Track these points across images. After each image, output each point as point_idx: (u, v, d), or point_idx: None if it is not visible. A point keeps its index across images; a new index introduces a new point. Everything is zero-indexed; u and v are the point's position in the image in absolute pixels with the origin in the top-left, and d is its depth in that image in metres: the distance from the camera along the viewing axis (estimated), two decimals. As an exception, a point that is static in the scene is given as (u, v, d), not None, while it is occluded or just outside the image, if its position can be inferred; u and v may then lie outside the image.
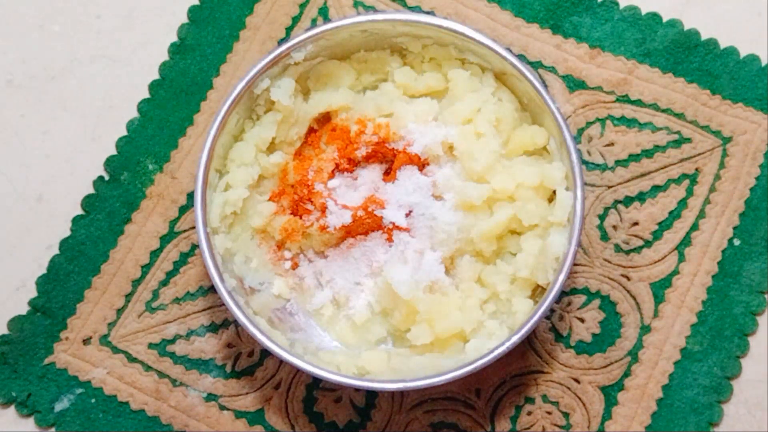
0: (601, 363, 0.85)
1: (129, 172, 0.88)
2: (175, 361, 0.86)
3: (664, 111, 0.88)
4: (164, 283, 0.87)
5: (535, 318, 0.78)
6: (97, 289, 0.87)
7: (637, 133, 0.87)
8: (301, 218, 0.84)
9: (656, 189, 0.87)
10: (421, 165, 0.85)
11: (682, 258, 0.86)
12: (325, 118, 0.86)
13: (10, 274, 0.87)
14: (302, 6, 0.90)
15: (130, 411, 0.86)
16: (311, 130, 0.86)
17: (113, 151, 0.88)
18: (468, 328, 0.81)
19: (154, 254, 0.87)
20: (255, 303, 0.82)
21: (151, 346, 0.86)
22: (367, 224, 0.84)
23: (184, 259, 0.87)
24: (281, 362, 0.85)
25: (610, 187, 0.87)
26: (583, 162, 0.87)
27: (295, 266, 0.85)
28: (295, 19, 0.90)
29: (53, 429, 0.86)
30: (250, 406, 0.85)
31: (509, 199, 0.82)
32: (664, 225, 0.87)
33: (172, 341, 0.86)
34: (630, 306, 0.86)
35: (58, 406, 0.86)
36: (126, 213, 0.88)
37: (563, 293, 0.86)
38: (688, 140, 0.87)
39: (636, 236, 0.86)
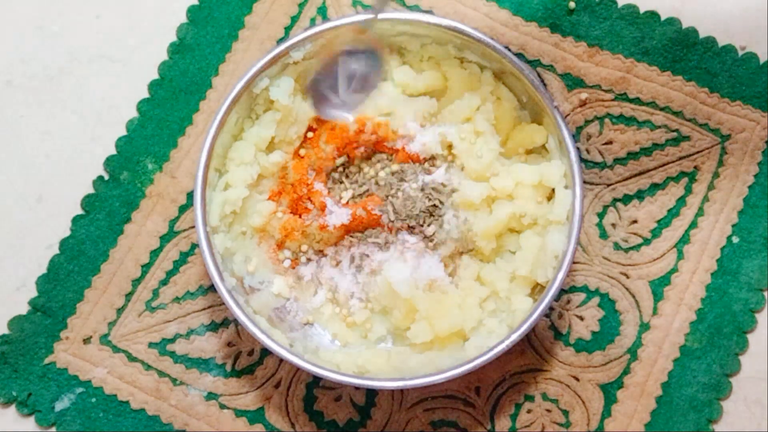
0: (601, 361, 0.85)
1: (129, 171, 0.88)
2: (176, 360, 0.86)
3: (662, 109, 0.88)
4: (164, 282, 0.87)
5: (535, 316, 0.78)
6: (98, 288, 0.87)
7: (635, 132, 0.88)
8: (300, 217, 0.84)
9: (655, 187, 0.87)
10: (420, 163, 0.85)
11: (681, 256, 0.86)
12: (324, 117, 0.86)
13: (10, 274, 0.88)
14: (301, 5, 0.90)
15: (131, 410, 0.86)
16: (310, 129, 0.86)
17: (113, 151, 0.89)
18: (467, 327, 0.81)
19: (154, 253, 0.87)
20: (255, 302, 0.83)
21: (151, 345, 0.86)
22: (366, 223, 0.84)
23: (184, 258, 0.87)
24: (281, 361, 0.86)
25: (609, 185, 0.87)
26: (582, 160, 0.87)
27: (294, 265, 0.86)
28: (294, 19, 0.90)
29: (54, 428, 0.86)
30: (250, 404, 0.86)
31: (508, 198, 0.83)
32: (663, 223, 0.87)
33: (172, 340, 0.86)
34: (629, 304, 0.86)
35: (59, 406, 0.86)
36: (126, 212, 0.88)
37: (562, 291, 0.86)
38: (687, 138, 0.87)
39: (635, 234, 0.87)
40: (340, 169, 0.85)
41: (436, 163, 0.85)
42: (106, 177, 0.88)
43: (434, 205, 0.84)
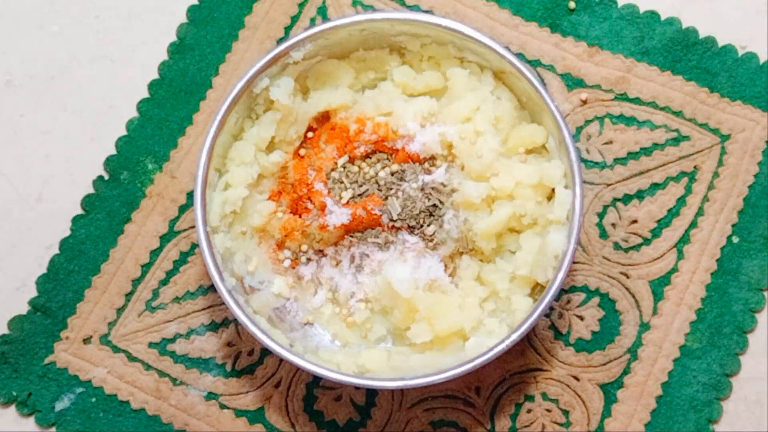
0: (601, 360, 0.85)
1: (129, 171, 0.88)
2: (176, 360, 0.86)
3: (662, 109, 0.88)
4: (164, 282, 0.87)
5: (535, 316, 0.78)
6: (98, 288, 0.87)
7: (635, 131, 0.88)
8: (300, 217, 0.84)
9: (655, 187, 0.87)
10: (420, 163, 0.85)
11: (681, 256, 0.86)
12: (324, 117, 0.86)
13: (10, 274, 0.88)
14: (301, 5, 0.90)
15: (131, 410, 0.86)
16: (310, 129, 0.86)
17: (113, 151, 0.89)
18: (467, 327, 0.81)
19: (154, 253, 0.87)
20: (255, 302, 0.83)
21: (151, 345, 0.86)
22: (366, 223, 0.84)
23: (184, 258, 0.87)
24: (281, 361, 0.86)
25: (609, 185, 0.87)
26: (582, 160, 0.87)
27: (294, 265, 0.86)
28: (294, 19, 0.90)
29: (54, 428, 0.86)
30: (250, 404, 0.86)
31: (508, 198, 0.83)
32: (663, 223, 0.87)
33: (173, 340, 0.86)
34: (629, 304, 0.86)
35: (59, 406, 0.86)
36: (126, 212, 0.88)
37: (562, 291, 0.86)
38: (687, 138, 0.87)
39: (635, 234, 0.87)
40: (340, 169, 0.85)
41: (436, 162, 0.85)
42: (106, 177, 0.88)
43: (434, 205, 0.84)
